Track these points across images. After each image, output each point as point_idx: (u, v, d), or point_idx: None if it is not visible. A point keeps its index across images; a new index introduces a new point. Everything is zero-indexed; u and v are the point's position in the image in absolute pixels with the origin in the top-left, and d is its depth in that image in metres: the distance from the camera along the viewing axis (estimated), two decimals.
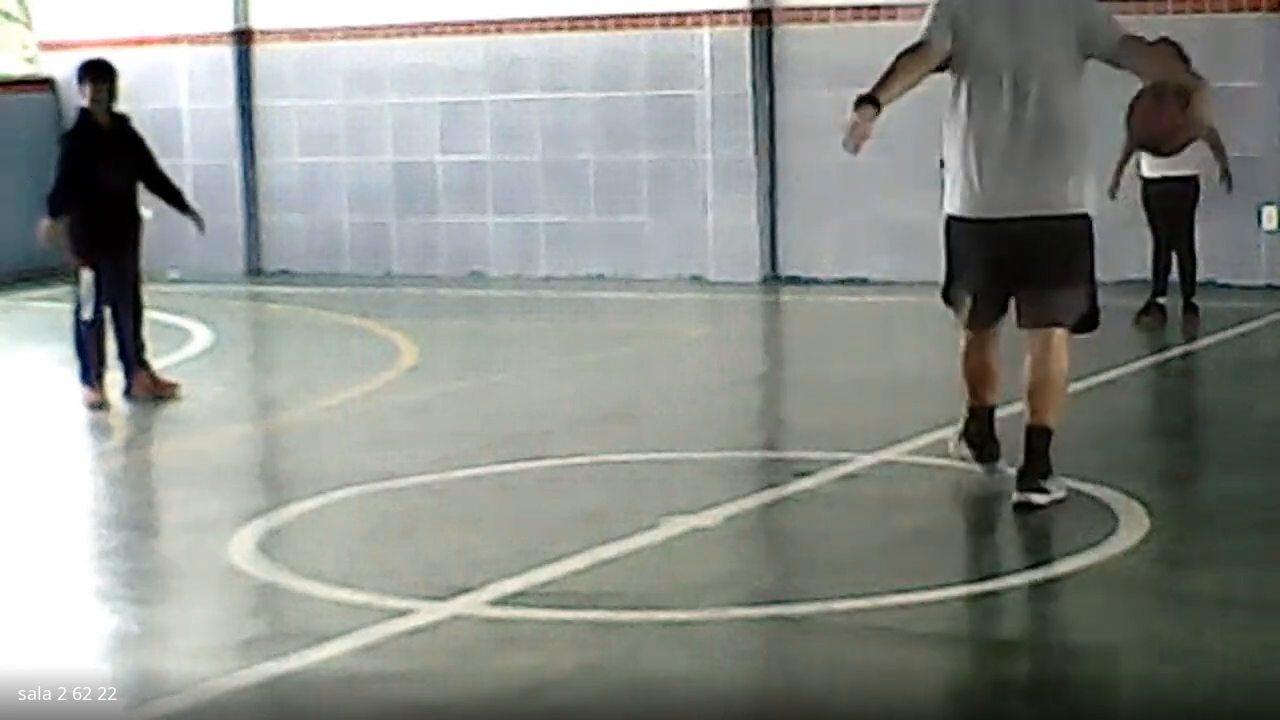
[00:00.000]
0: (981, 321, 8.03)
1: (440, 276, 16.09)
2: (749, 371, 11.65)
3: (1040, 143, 7.69)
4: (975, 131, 7.83)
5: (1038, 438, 7.74)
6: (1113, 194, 12.17)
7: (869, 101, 7.84)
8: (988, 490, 8.16)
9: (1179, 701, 5.55)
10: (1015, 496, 7.63)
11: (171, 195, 10.94)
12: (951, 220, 7.96)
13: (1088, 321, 7.90)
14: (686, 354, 11.95)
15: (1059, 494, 7.68)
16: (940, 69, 7.95)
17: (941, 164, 8.13)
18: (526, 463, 8.82)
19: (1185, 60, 12.63)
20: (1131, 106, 8.09)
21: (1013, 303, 7.92)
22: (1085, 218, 7.74)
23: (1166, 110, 7.95)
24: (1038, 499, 7.61)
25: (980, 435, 8.14)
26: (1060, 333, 7.80)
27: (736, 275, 15.12)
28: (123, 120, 10.73)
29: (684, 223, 15.38)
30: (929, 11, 7.96)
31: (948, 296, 8.19)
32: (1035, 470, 7.68)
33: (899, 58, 7.93)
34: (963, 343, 8.16)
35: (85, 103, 10.64)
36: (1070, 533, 7.25)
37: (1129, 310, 12.63)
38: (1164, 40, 12.76)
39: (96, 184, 10.51)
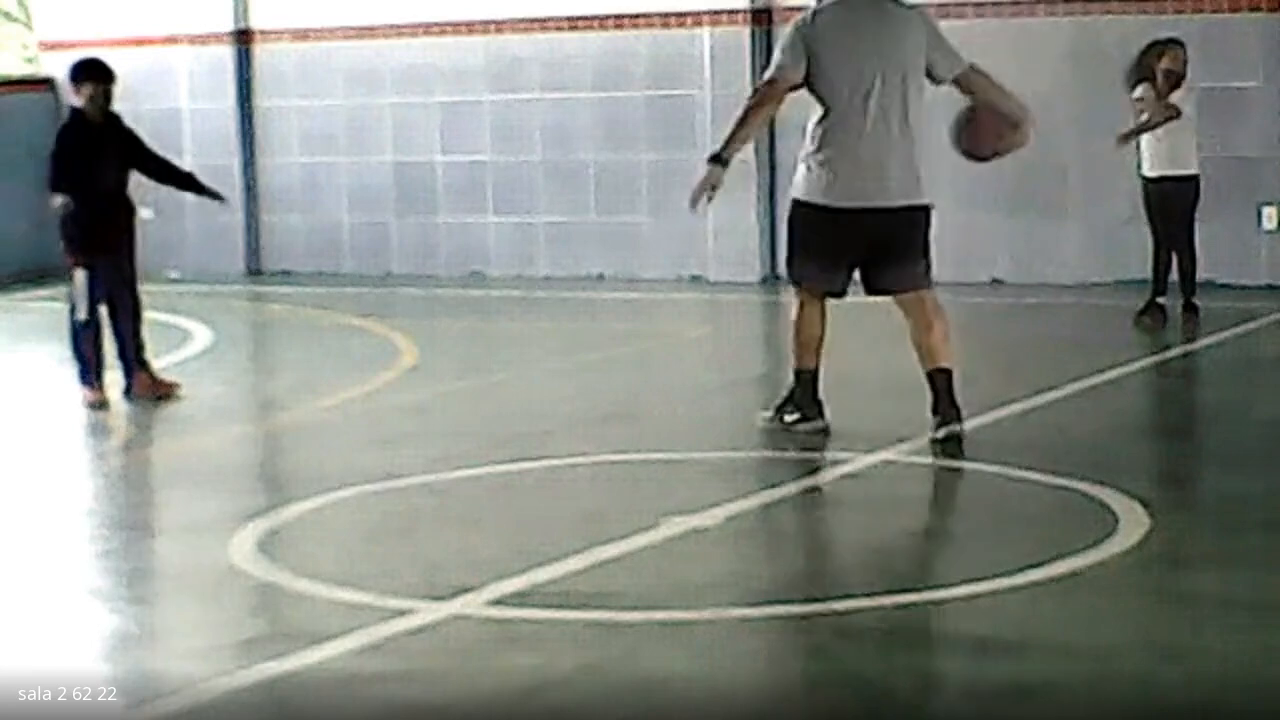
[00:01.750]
0: (832, 292, 9.25)
1: (440, 276, 16.09)
2: (749, 371, 11.65)
3: (893, 146, 9.04)
4: (838, 137, 8.95)
5: (942, 378, 9.02)
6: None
7: (717, 161, 8.96)
8: (988, 490, 8.17)
9: (1179, 701, 5.55)
10: (942, 433, 8.81)
11: (182, 180, 10.95)
12: (810, 207, 9.06)
13: (927, 277, 9.46)
14: (686, 354, 11.95)
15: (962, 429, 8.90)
16: (796, 88, 9.02)
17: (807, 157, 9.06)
18: (526, 463, 8.82)
19: (1184, 60, 12.67)
20: (967, 118, 9.50)
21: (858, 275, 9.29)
22: (927, 206, 9.32)
23: (995, 128, 9.53)
24: (959, 428, 8.86)
25: (810, 397, 9.23)
26: (924, 292, 9.33)
27: (736, 275, 15.12)
28: (114, 119, 10.71)
29: (684, 223, 15.36)
30: (782, 43, 9.08)
31: (794, 274, 9.30)
32: (952, 405, 8.93)
33: (748, 109, 9.12)
34: (799, 312, 9.29)
35: (80, 103, 10.62)
36: (1070, 533, 7.25)
37: (1129, 310, 12.64)
38: (1170, 40, 12.82)
39: (89, 183, 10.50)
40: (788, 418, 9.28)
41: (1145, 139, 12.65)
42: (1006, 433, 9.26)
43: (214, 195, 11.02)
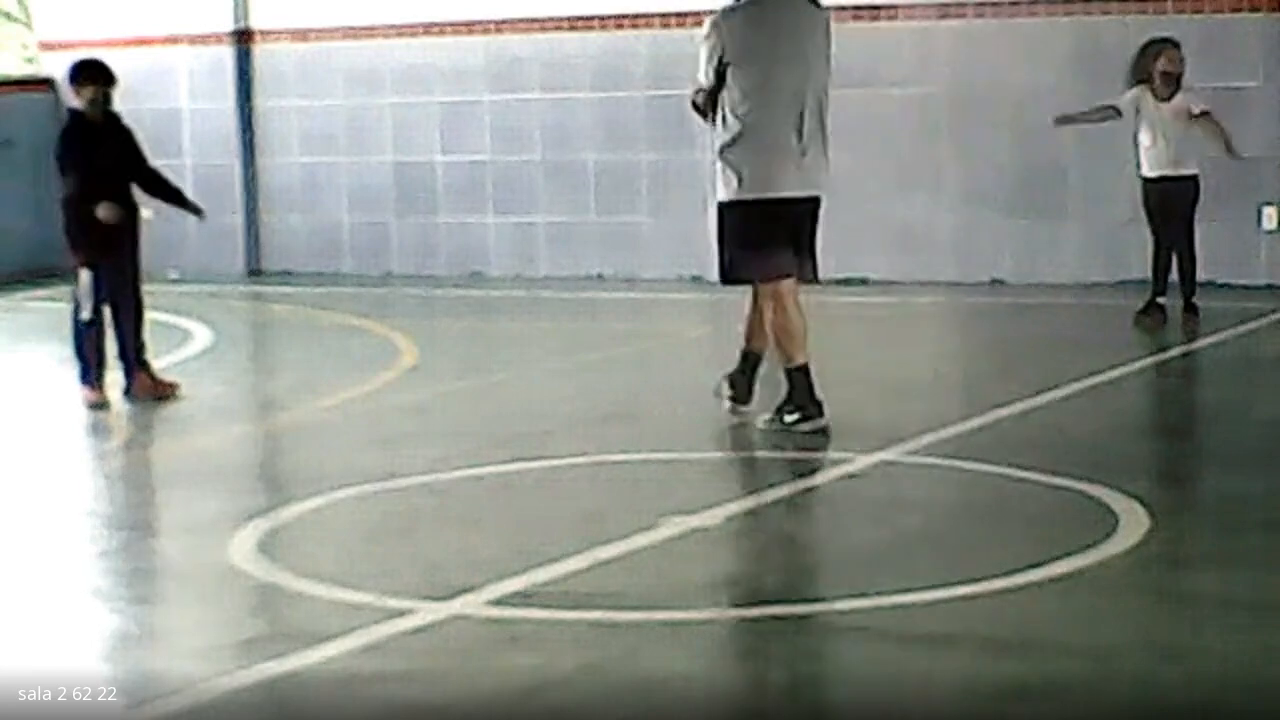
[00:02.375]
0: (786, 276, 9.44)
1: (440, 276, 16.09)
2: None
3: (811, 138, 9.31)
4: (763, 130, 9.22)
5: (755, 364, 9.64)
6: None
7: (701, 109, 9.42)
8: (988, 490, 8.17)
9: (1179, 701, 5.55)
10: (727, 390, 9.59)
11: (168, 193, 10.93)
12: (743, 204, 9.29)
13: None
14: (686, 354, 11.95)
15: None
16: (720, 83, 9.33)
17: (721, 152, 9.36)
18: (526, 463, 8.82)
19: (1181, 60, 12.68)
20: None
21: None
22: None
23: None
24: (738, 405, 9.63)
25: (808, 395, 9.35)
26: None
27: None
28: (114, 118, 10.71)
29: (684, 223, 15.38)
30: (701, 51, 9.45)
31: (733, 275, 9.54)
32: (746, 384, 9.66)
33: (701, 112, 9.46)
34: (776, 309, 9.45)
35: (80, 104, 10.61)
36: (1070, 533, 7.25)
37: (1129, 310, 12.64)
38: (1165, 40, 12.81)
39: (92, 183, 10.50)
40: (788, 418, 9.33)
41: (1144, 139, 12.65)
42: (1006, 433, 9.26)
43: (195, 210, 10.99)
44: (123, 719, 5.60)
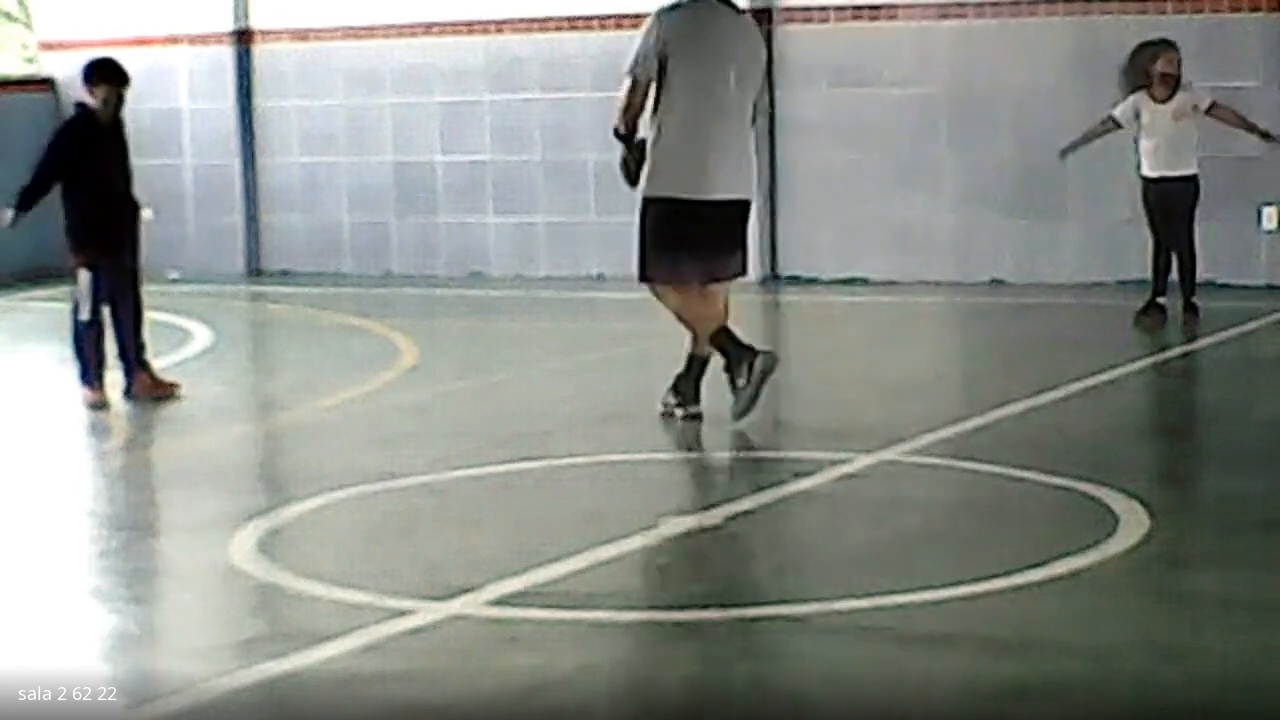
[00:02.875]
0: (701, 280, 9.56)
1: (440, 276, 16.09)
2: None
3: (738, 144, 9.63)
4: (695, 132, 9.45)
5: (703, 365, 9.71)
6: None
7: (625, 139, 9.60)
8: (988, 490, 8.17)
9: (1179, 701, 5.55)
10: (672, 401, 9.65)
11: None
12: (665, 201, 9.47)
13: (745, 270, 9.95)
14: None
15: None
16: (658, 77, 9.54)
17: (642, 152, 9.57)
18: (526, 463, 8.82)
19: (1179, 61, 12.70)
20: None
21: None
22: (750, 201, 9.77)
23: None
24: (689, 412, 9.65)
25: (696, 385, 9.68)
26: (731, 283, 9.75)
27: None
28: (119, 120, 10.70)
29: None
30: (639, 44, 9.59)
31: (648, 274, 9.66)
32: (695, 387, 9.72)
33: (626, 111, 9.57)
34: (681, 300, 9.60)
35: (94, 103, 10.57)
36: (1070, 533, 7.25)
37: (1129, 310, 12.64)
38: (1163, 41, 12.81)
39: (96, 182, 10.50)
40: (670, 399, 9.71)
41: (1144, 140, 12.65)
42: (1006, 433, 9.26)
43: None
44: (123, 719, 5.60)
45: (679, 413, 9.68)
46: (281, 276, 16.66)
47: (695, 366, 9.72)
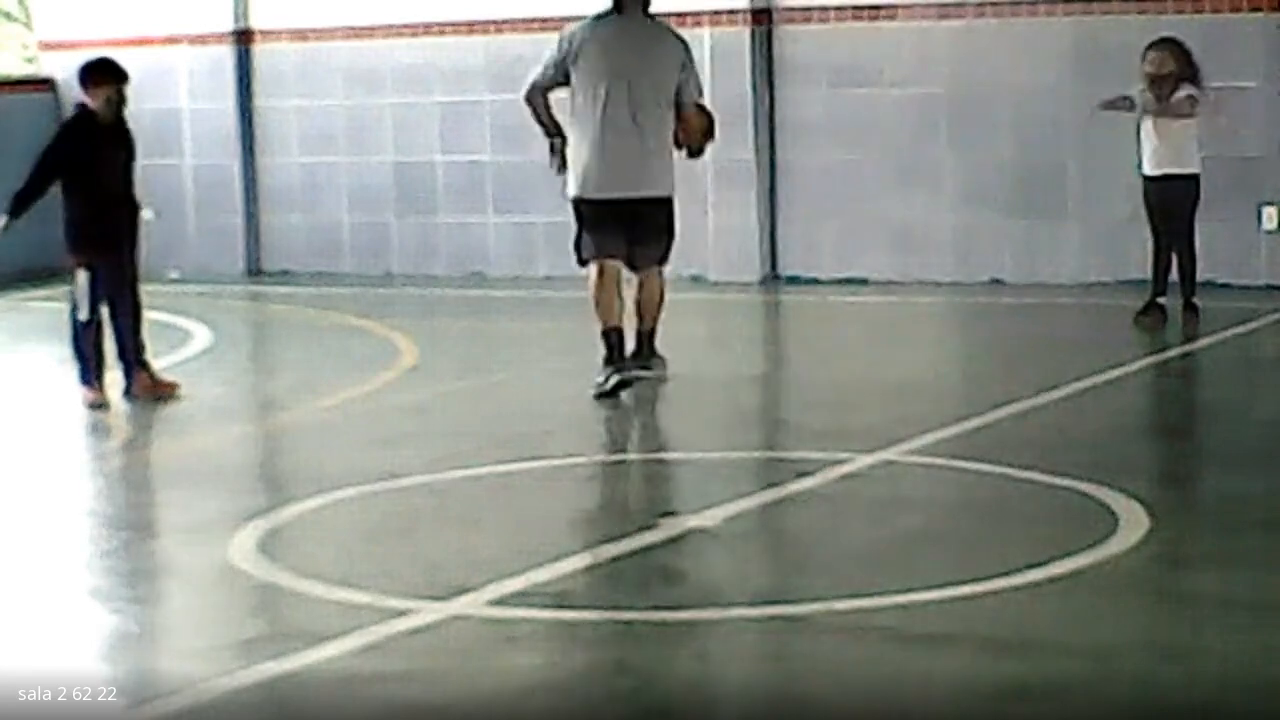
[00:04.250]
0: (611, 264, 10.48)
1: (440, 276, 16.09)
2: (749, 371, 11.65)
3: (646, 146, 10.40)
4: (601, 135, 10.36)
5: (649, 335, 10.73)
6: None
7: (555, 136, 10.67)
8: (988, 490, 8.17)
9: (1179, 701, 5.55)
10: (627, 375, 10.34)
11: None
12: (576, 200, 10.51)
13: (666, 257, 10.80)
14: (686, 354, 11.93)
15: (661, 371, 10.71)
16: (561, 82, 10.59)
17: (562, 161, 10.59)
18: (526, 463, 8.82)
19: (1188, 56, 12.69)
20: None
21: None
22: (671, 198, 10.61)
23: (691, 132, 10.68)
24: (645, 374, 10.53)
25: (620, 352, 10.41)
26: (656, 267, 10.69)
27: (736, 275, 15.12)
28: (121, 119, 10.70)
29: (684, 223, 15.32)
30: (551, 52, 10.64)
31: (580, 253, 10.68)
32: (649, 354, 10.69)
33: (534, 109, 10.79)
34: (593, 284, 10.52)
35: (94, 103, 10.56)
36: (1070, 533, 7.25)
37: (1129, 310, 12.64)
38: (1169, 40, 12.81)
39: (95, 182, 10.50)
40: (599, 377, 10.35)
41: (1146, 139, 12.65)
42: (1006, 433, 9.26)
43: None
44: (123, 719, 5.60)
45: (609, 382, 10.28)
46: (281, 276, 16.66)
47: (616, 339, 10.45)
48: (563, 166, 10.59)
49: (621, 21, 10.50)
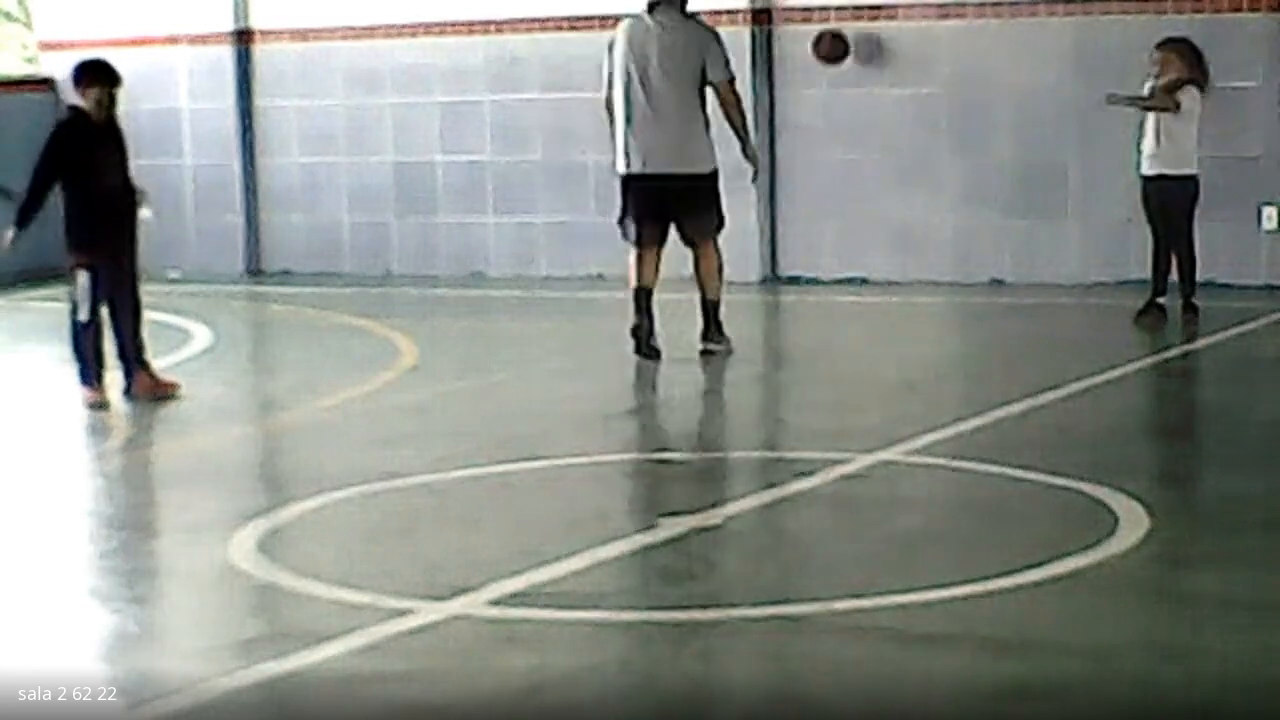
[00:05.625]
0: (651, 243, 11.49)
1: (440, 276, 16.09)
2: (749, 371, 11.65)
3: (682, 127, 11.38)
4: (629, 116, 11.42)
5: (713, 308, 11.64)
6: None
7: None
8: (988, 490, 8.17)
9: (1179, 701, 5.55)
10: (703, 346, 11.58)
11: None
12: (623, 176, 11.53)
13: (720, 227, 11.68)
14: (686, 354, 11.93)
15: (727, 347, 11.61)
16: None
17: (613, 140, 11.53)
18: (526, 463, 8.82)
19: (1199, 56, 12.71)
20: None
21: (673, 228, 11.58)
22: (714, 173, 11.54)
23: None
24: (715, 348, 11.56)
25: (646, 310, 11.46)
26: (710, 238, 11.58)
27: (736, 275, 15.09)
28: (114, 120, 10.69)
29: None
30: (603, 65, 11.65)
31: (622, 229, 11.65)
32: (718, 332, 11.64)
33: (611, 116, 11.68)
34: (634, 259, 11.53)
35: (86, 104, 10.58)
36: (1070, 533, 7.25)
37: (1129, 310, 12.64)
38: (1181, 39, 12.82)
39: (92, 182, 10.49)
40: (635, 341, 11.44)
41: (1147, 139, 12.65)
42: (1006, 433, 9.26)
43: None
44: (123, 719, 5.60)
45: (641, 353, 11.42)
46: (281, 276, 16.66)
47: (647, 314, 11.48)
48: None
49: (653, 19, 11.48)
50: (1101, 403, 10.05)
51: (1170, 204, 12.64)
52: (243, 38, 16.82)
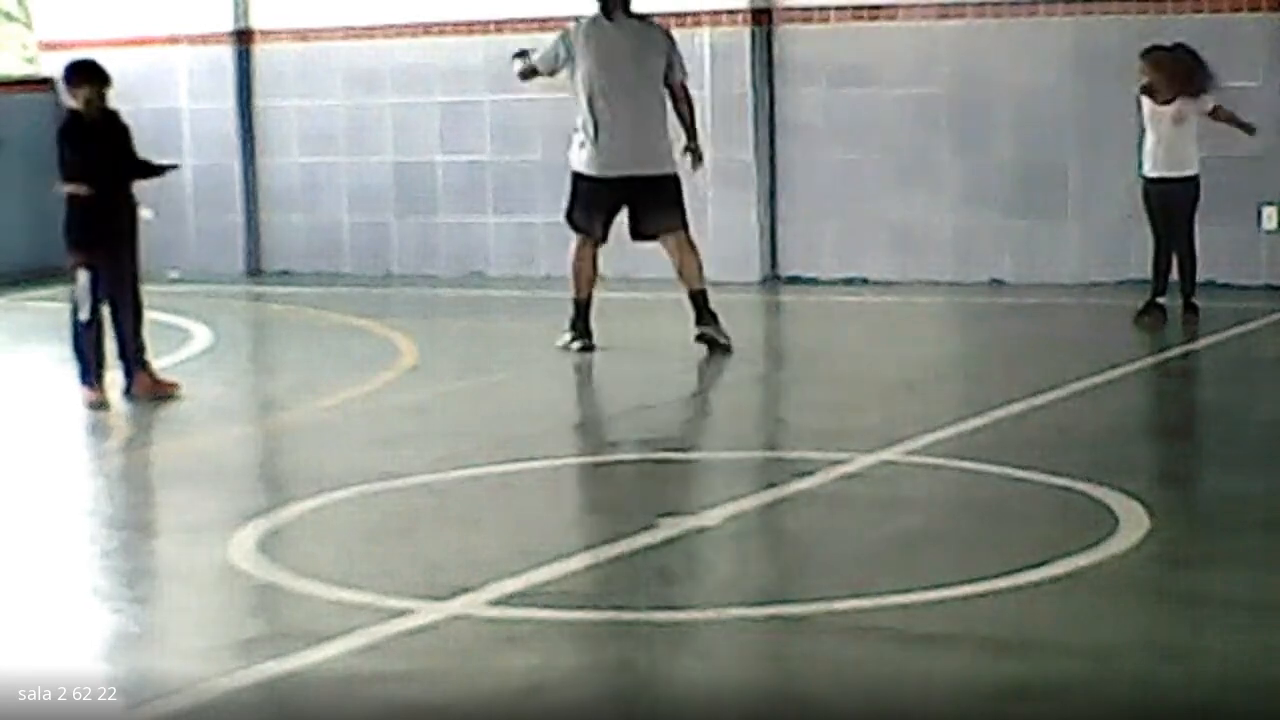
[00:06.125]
0: (600, 237, 11.79)
1: (440, 276, 16.09)
2: (749, 371, 11.65)
3: (648, 128, 11.64)
4: (600, 121, 11.55)
5: (701, 297, 11.79)
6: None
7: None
8: (988, 490, 8.17)
9: (1179, 701, 5.55)
10: (698, 331, 11.69)
11: (151, 170, 10.86)
12: (583, 176, 11.68)
13: (685, 223, 11.90)
14: (685, 354, 11.94)
15: (724, 334, 11.69)
16: (553, 74, 11.99)
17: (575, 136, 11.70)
18: (526, 463, 8.82)
19: (1201, 63, 12.72)
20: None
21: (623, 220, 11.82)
22: (675, 174, 11.78)
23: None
24: (719, 338, 11.65)
25: (585, 323, 11.79)
26: (680, 231, 11.84)
27: (736, 275, 15.11)
28: (112, 116, 10.69)
29: None
30: (549, 45, 11.89)
31: (572, 221, 11.86)
32: (710, 316, 11.74)
33: (523, 75, 12.31)
34: (576, 252, 11.83)
35: (78, 104, 10.59)
36: (1070, 533, 7.25)
37: (1129, 310, 12.64)
38: (1179, 46, 12.83)
39: (91, 182, 10.49)
40: (564, 337, 11.79)
41: (1147, 140, 12.65)
42: (1006, 433, 9.26)
43: (169, 167, 11.01)
44: (123, 719, 5.60)
45: (574, 345, 11.74)
46: (281, 276, 16.66)
47: (584, 310, 11.83)
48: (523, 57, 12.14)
49: (612, 23, 11.69)
50: (1101, 403, 10.05)
51: (1173, 205, 12.65)
52: (243, 38, 16.82)
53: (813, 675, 5.93)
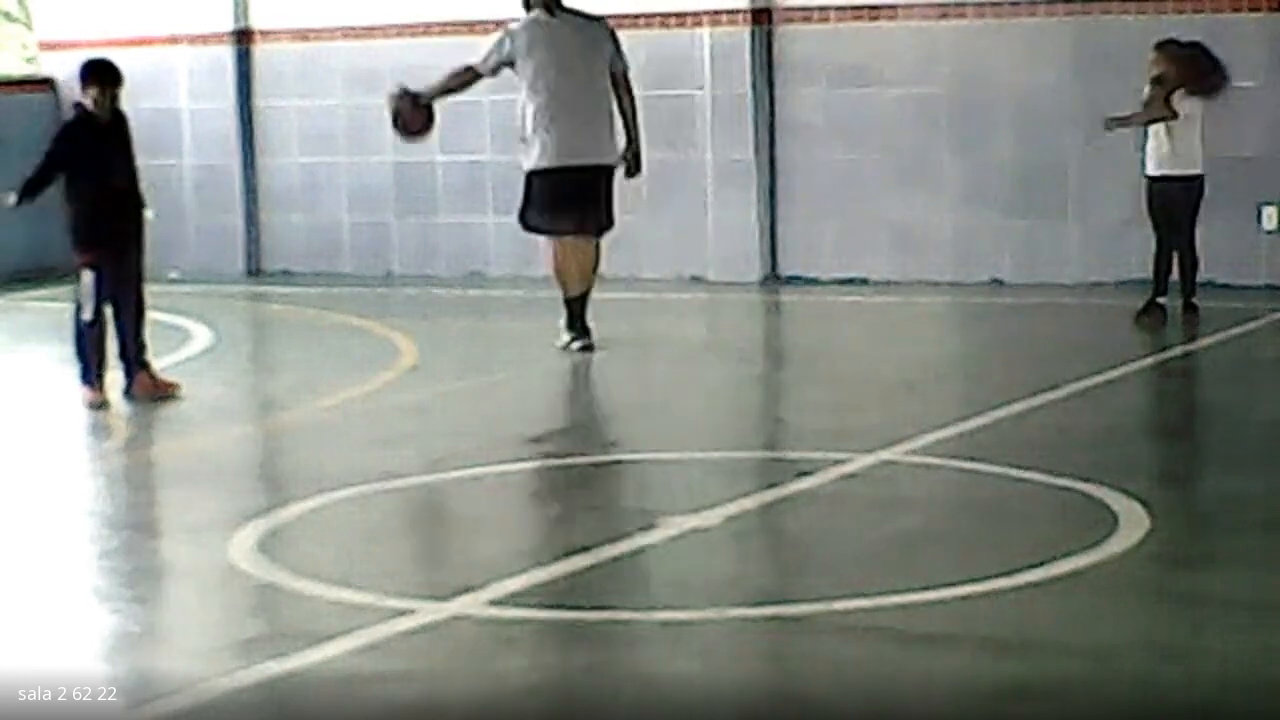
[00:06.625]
0: (570, 230, 11.87)
1: (440, 276, 16.09)
2: (749, 371, 11.65)
3: (598, 119, 11.84)
4: (553, 113, 11.80)
5: (587, 299, 11.88)
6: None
7: (410, 95, 12.39)
8: (988, 490, 8.17)
9: (1179, 701, 5.55)
10: (581, 344, 11.74)
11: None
12: (537, 173, 11.92)
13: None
14: (687, 354, 11.95)
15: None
16: (495, 74, 12.15)
17: (522, 137, 12.06)
18: (526, 463, 8.82)
19: (1213, 59, 12.72)
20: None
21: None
22: (614, 165, 11.91)
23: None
24: (587, 342, 11.76)
25: (582, 322, 11.82)
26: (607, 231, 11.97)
27: (736, 275, 15.12)
28: (121, 117, 10.71)
29: (683, 223, 15.38)
30: (491, 45, 12.03)
31: (527, 224, 12.17)
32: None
33: (452, 74, 12.27)
34: (555, 252, 11.98)
35: (88, 103, 10.59)
36: (1070, 533, 7.25)
37: (1129, 310, 12.64)
38: (1193, 44, 12.82)
39: (98, 181, 10.50)
40: (564, 338, 11.80)
41: (1150, 139, 12.65)
42: (1006, 433, 9.26)
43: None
44: (123, 719, 5.61)
45: (575, 345, 11.75)
46: (281, 276, 16.66)
47: (579, 307, 11.85)
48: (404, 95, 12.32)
49: (555, 19, 11.90)
50: (1101, 403, 10.05)
51: (1175, 204, 12.63)
52: (243, 38, 16.82)
53: (812, 675, 5.94)
